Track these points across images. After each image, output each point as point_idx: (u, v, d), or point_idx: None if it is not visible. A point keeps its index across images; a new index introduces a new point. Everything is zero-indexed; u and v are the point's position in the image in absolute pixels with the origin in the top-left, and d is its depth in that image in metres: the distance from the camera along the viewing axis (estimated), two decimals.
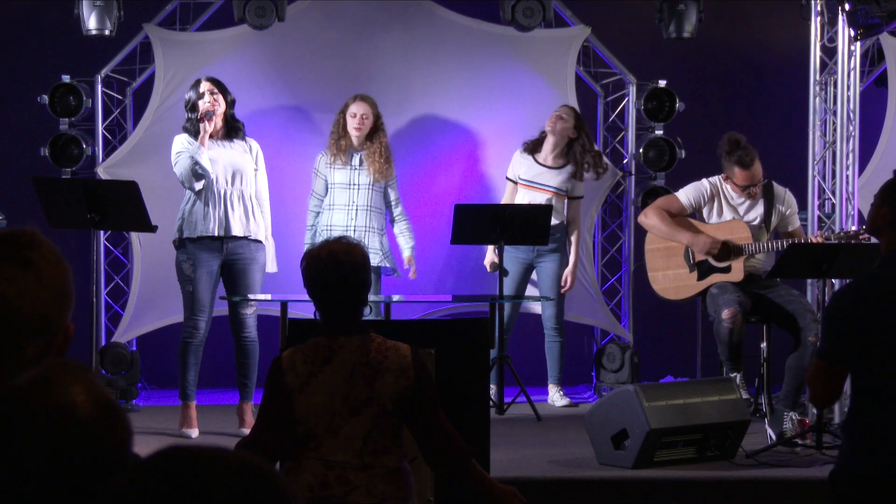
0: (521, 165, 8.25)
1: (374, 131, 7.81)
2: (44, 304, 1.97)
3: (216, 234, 7.03)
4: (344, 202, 7.82)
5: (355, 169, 7.82)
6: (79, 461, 1.40)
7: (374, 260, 7.77)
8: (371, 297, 7.75)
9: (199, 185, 7.02)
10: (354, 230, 7.77)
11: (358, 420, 3.79)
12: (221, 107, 7.14)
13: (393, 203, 7.95)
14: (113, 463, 1.59)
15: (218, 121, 7.12)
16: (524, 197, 8.18)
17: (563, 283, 8.29)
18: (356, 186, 7.82)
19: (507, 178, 8.34)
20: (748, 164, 7.38)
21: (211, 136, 7.09)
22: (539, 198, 8.14)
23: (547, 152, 8.20)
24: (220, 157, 7.09)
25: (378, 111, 7.83)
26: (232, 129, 7.22)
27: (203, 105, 7.09)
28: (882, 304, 3.65)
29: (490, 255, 8.29)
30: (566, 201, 8.21)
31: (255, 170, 7.23)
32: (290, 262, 8.04)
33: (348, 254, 3.88)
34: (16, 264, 1.95)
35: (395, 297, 7.35)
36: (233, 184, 7.10)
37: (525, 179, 8.22)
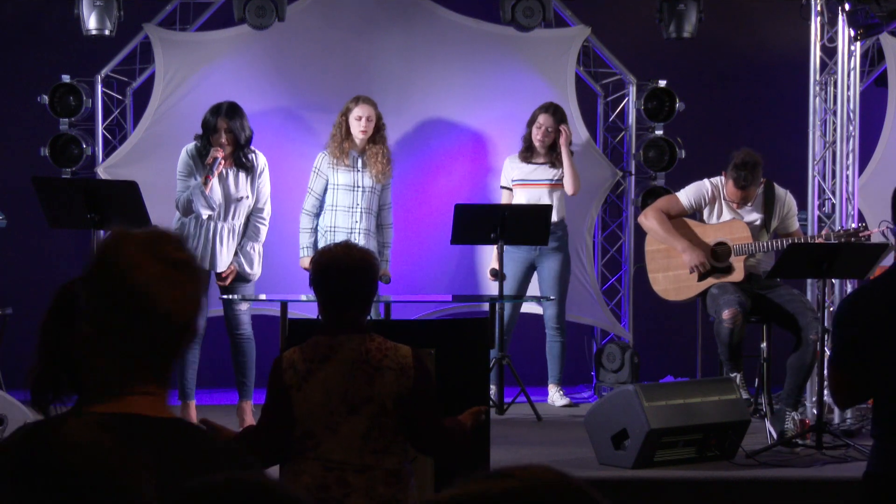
0: (512, 170, 8.28)
1: (376, 132, 7.79)
2: (182, 302, 2.04)
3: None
4: (347, 204, 7.79)
5: (359, 171, 7.79)
6: None
7: None
8: None
9: (191, 216, 7.06)
10: (359, 233, 7.74)
11: (357, 419, 3.78)
12: (230, 149, 7.07)
13: (384, 208, 7.90)
14: None
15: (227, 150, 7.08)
16: (521, 196, 8.18)
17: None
18: (360, 189, 7.79)
19: (502, 187, 8.34)
20: (742, 187, 7.43)
21: None
22: (536, 193, 8.14)
23: (538, 154, 8.23)
24: (217, 191, 7.05)
25: (379, 111, 7.81)
26: (240, 162, 7.13)
27: (213, 152, 7.04)
28: (894, 304, 3.62)
29: (493, 263, 8.24)
30: (562, 192, 8.20)
31: (256, 189, 7.19)
32: (288, 262, 8.05)
33: (356, 258, 3.90)
34: (159, 261, 2.03)
35: (395, 298, 7.35)
36: (225, 219, 7.08)
37: (519, 179, 8.22)
